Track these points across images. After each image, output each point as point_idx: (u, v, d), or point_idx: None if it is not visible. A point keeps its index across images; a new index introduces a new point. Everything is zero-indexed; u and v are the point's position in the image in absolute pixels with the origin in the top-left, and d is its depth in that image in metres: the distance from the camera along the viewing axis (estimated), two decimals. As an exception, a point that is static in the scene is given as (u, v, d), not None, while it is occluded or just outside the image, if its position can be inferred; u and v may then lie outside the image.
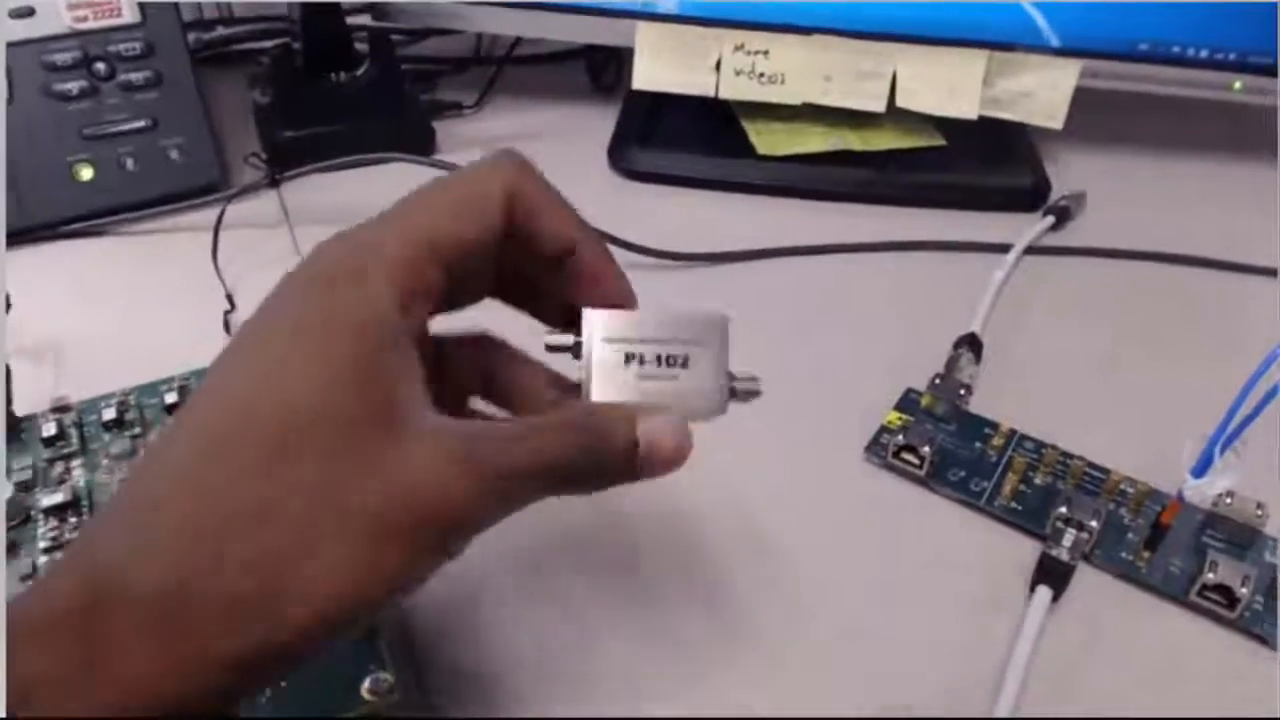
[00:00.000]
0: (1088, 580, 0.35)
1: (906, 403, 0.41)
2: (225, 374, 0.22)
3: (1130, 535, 0.35)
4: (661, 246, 0.50)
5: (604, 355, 0.25)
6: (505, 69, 0.65)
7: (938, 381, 0.41)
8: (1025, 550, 0.35)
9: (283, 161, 0.52)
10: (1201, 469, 0.31)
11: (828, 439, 0.40)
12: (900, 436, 0.37)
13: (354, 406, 0.20)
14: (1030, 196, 0.55)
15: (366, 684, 0.28)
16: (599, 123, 0.60)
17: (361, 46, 0.55)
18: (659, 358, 0.26)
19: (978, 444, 0.39)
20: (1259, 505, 0.35)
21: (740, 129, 0.58)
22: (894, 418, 0.40)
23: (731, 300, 0.48)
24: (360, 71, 0.54)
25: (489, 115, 0.62)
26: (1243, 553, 0.35)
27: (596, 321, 0.26)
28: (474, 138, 0.59)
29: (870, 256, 0.51)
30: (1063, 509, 0.34)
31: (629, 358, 0.26)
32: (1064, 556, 0.33)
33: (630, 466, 0.24)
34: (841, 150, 0.57)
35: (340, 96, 0.54)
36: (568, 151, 0.58)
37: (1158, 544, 0.34)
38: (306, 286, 0.22)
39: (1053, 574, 0.33)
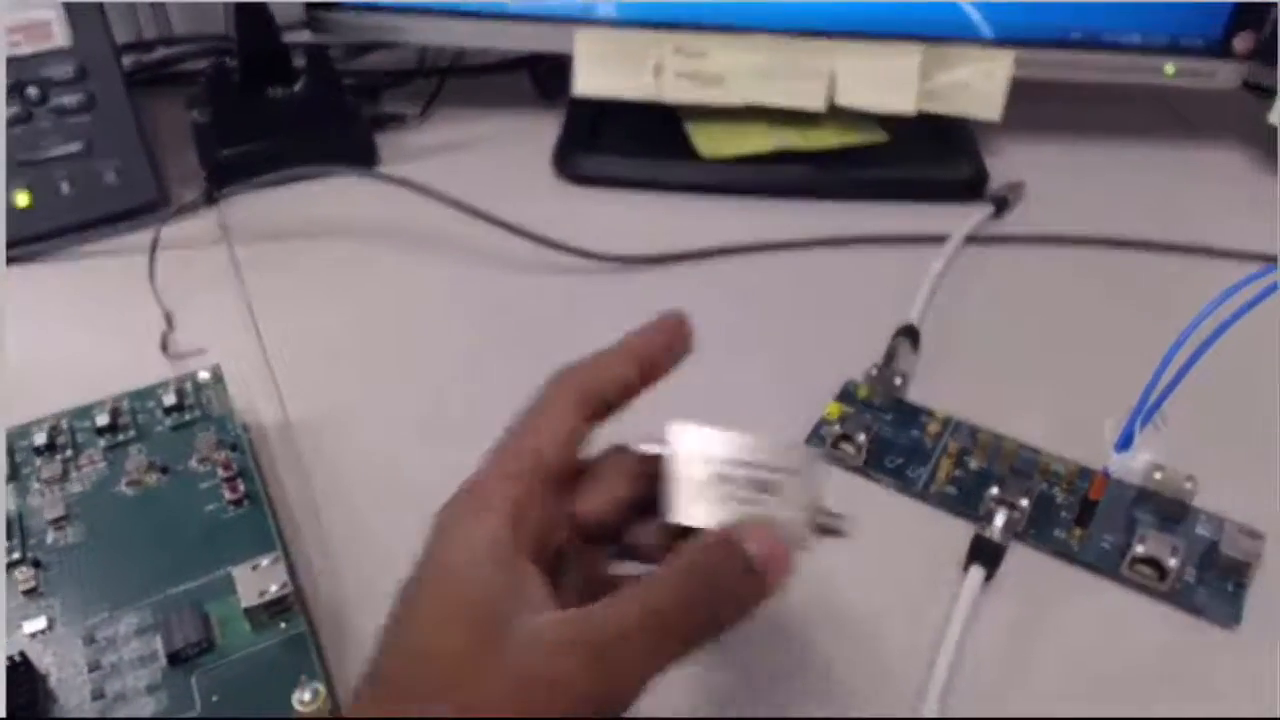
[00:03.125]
0: (1023, 560, 0.35)
1: (846, 394, 0.41)
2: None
3: (1063, 514, 0.36)
4: (607, 250, 0.50)
5: (691, 470, 0.26)
6: (450, 80, 0.65)
7: (874, 373, 0.41)
8: (962, 533, 0.35)
9: (222, 180, 0.52)
10: (1124, 444, 0.32)
11: (770, 432, 0.40)
12: (837, 427, 0.38)
13: (458, 638, 0.23)
14: (970, 187, 0.56)
15: (298, 694, 0.28)
16: (544, 130, 0.60)
17: (300, 62, 0.55)
18: (749, 480, 0.26)
19: (915, 431, 0.39)
20: (1189, 478, 0.36)
21: (684, 131, 0.58)
22: (833, 409, 0.40)
23: (677, 300, 0.48)
24: (297, 86, 0.54)
25: (434, 126, 0.62)
26: (1174, 526, 0.35)
27: (682, 436, 0.26)
28: (419, 148, 0.59)
29: (814, 252, 0.52)
30: (995, 490, 0.35)
31: (720, 478, 0.26)
32: (996, 537, 0.34)
33: (757, 582, 0.24)
34: (785, 149, 0.57)
35: (277, 112, 0.54)
36: (513, 159, 0.58)
37: (1088, 521, 0.35)
38: (435, 533, 0.25)
39: (985, 554, 0.33)
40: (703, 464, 0.26)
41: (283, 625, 0.30)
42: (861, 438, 0.37)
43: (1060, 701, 0.31)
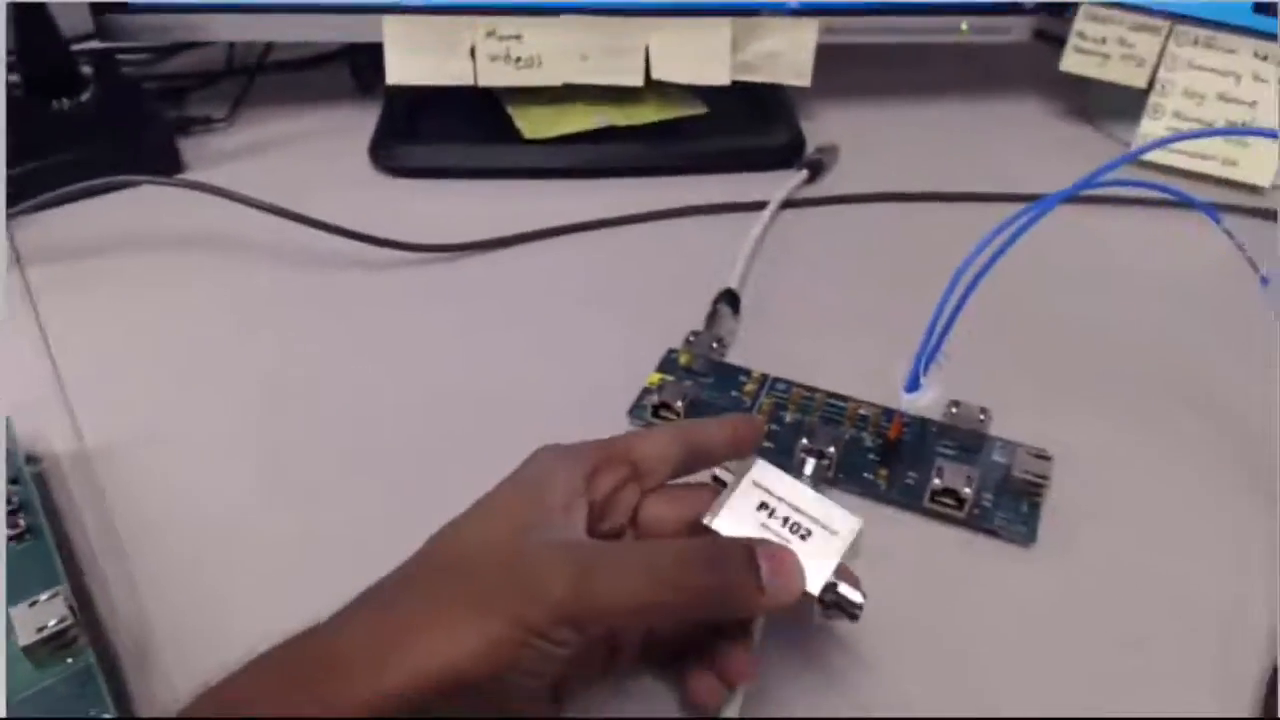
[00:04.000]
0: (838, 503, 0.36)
1: (667, 362, 0.42)
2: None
3: (871, 456, 0.37)
4: (429, 240, 0.49)
5: (744, 491, 0.28)
6: (263, 78, 0.62)
7: (692, 339, 0.42)
8: (780, 486, 0.36)
9: (13, 200, 0.49)
10: (912, 385, 0.33)
11: (598, 406, 0.40)
12: (656, 395, 0.38)
13: (497, 531, 0.26)
14: (788, 153, 0.57)
15: (85, 726, 0.26)
16: (364, 124, 0.59)
17: (89, 70, 0.52)
18: (786, 520, 0.28)
19: (734, 392, 0.40)
20: (982, 410, 0.38)
21: (506, 115, 0.58)
22: (654, 378, 0.41)
23: (505, 285, 0.48)
24: (84, 96, 0.51)
25: (244, 127, 0.59)
26: (973, 456, 0.37)
27: (756, 466, 0.29)
28: (227, 151, 0.57)
29: (638, 228, 0.52)
30: (804, 440, 0.36)
31: (762, 505, 0.28)
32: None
33: (755, 586, 0.26)
34: (608, 127, 0.57)
35: (66, 125, 0.51)
36: (329, 155, 0.57)
37: (891, 461, 0.36)
38: (529, 458, 0.29)
39: (797, 505, 0.34)
40: (758, 493, 0.28)
41: (69, 660, 0.28)
42: (679, 404, 0.38)
43: (872, 636, 0.32)
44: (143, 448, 0.38)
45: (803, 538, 0.27)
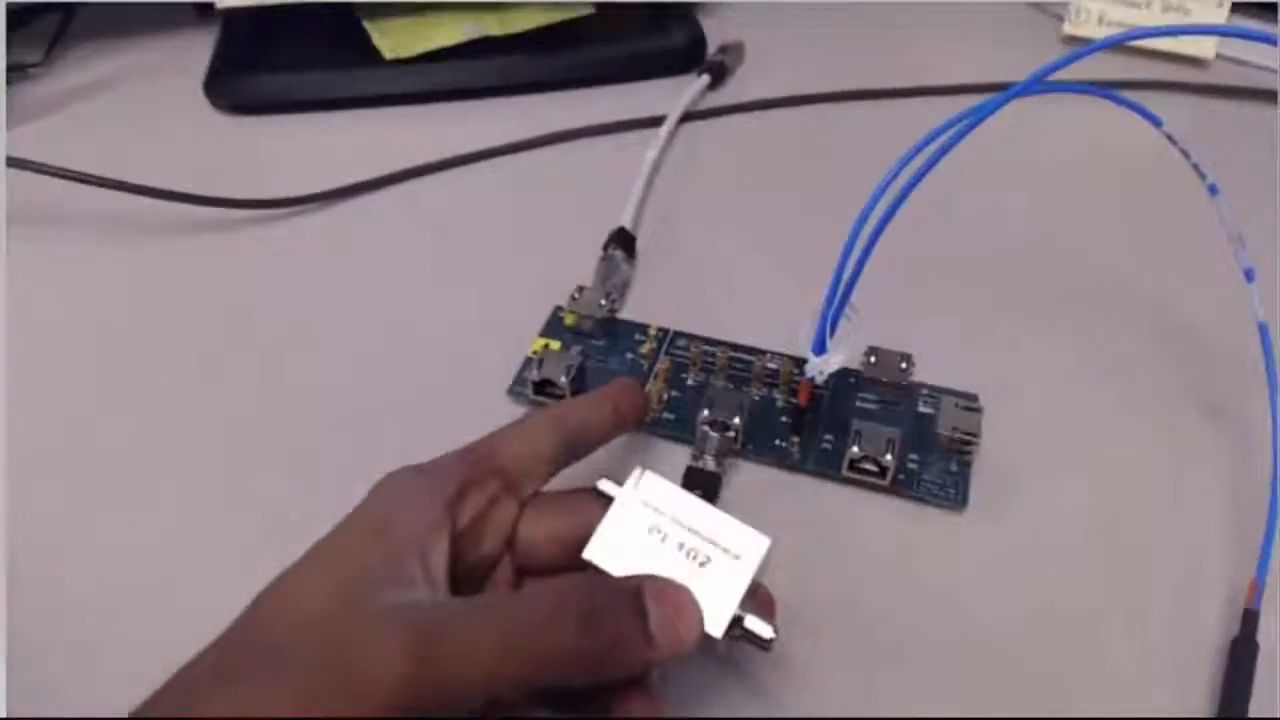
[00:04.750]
0: (750, 476, 0.32)
1: (553, 324, 0.37)
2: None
3: (783, 419, 0.33)
4: (286, 190, 0.43)
5: (630, 512, 0.24)
6: (86, 11, 0.54)
7: (577, 296, 0.36)
8: (685, 462, 0.32)
9: None
10: (819, 347, 0.29)
11: (471, 385, 0.35)
12: (536, 371, 0.33)
13: (319, 598, 0.22)
14: (686, 56, 0.51)
15: None
16: (205, 55, 0.51)
17: None
18: (681, 545, 0.24)
19: (629, 354, 0.35)
20: (903, 358, 0.33)
21: (365, 34, 0.51)
22: (538, 344, 0.36)
23: (368, 236, 0.42)
24: None
25: (66, 70, 0.51)
26: (895, 410, 0.33)
27: (645, 480, 0.25)
28: (47, 102, 0.49)
29: (520, 157, 0.46)
30: (705, 412, 0.31)
31: (653, 529, 0.24)
32: (710, 466, 0.31)
33: (644, 637, 0.21)
34: (481, 39, 0.50)
35: None
36: (162, 94, 0.50)
37: (801, 428, 0.32)
38: (373, 489, 0.25)
39: (700, 488, 0.30)
40: (646, 513, 0.24)
41: None
42: (563, 379, 0.33)
43: (791, 627, 0.28)
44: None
45: (701, 565, 0.23)
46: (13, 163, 0.40)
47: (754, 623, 0.23)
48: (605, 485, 0.25)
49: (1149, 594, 0.29)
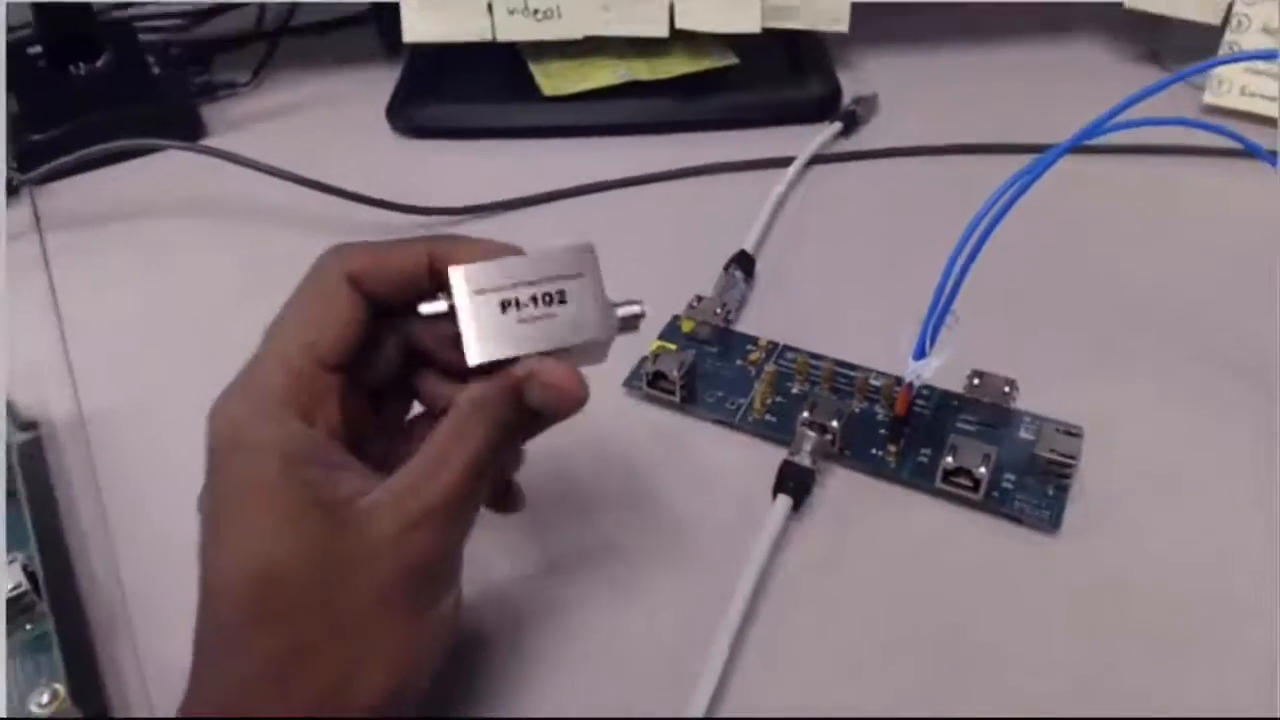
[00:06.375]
0: (843, 482, 0.34)
1: (670, 329, 0.39)
2: (201, 558, 0.23)
3: (882, 431, 0.34)
4: (448, 203, 0.48)
5: (478, 308, 0.25)
6: (289, 41, 0.62)
7: (695, 304, 0.39)
8: (778, 462, 0.34)
9: (34, 167, 0.49)
10: (919, 352, 0.30)
11: (592, 374, 0.38)
12: (652, 365, 0.36)
13: (291, 544, 0.22)
14: (822, 106, 0.54)
15: (35, 696, 0.26)
16: (389, 86, 0.58)
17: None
18: (534, 298, 0.25)
19: (738, 361, 0.38)
20: (1008, 382, 0.34)
21: (529, 73, 0.56)
22: (656, 346, 0.38)
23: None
24: (100, 62, 0.50)
25: (268, 91, 0.59)
26: (995, 432, 0.34)
27: (463, 277, 0.25)
28: (250, 115, 0.56)
29: (658, 187, 0.50)
30: (805, 414, 0.33)
31: (505, 305, 0.25)
32: (805, 462, 0.32)
33: (553, 410, 0.25)
34: (632, 82, 0.55)
35: (84, 91, 0.51)
36: (351, 117, 0.56)
37: (899, 437, 0.33)
38: (217, 458, 0.24)
39: (793, 481, 0.32)
40: (487, 298, 0.25)
41: (28, 627, 0.28)
42: (675, 373, 0.35)
43: (881, 629, 0.29)
44: (138, 417, 0.38)
45: (561, 301, 0.25)
46: (212, 153, 0.47)
47: (625, 310, 0.26)
48: (427, 307, 0.25)
49: (1236, 636, 0.29)
